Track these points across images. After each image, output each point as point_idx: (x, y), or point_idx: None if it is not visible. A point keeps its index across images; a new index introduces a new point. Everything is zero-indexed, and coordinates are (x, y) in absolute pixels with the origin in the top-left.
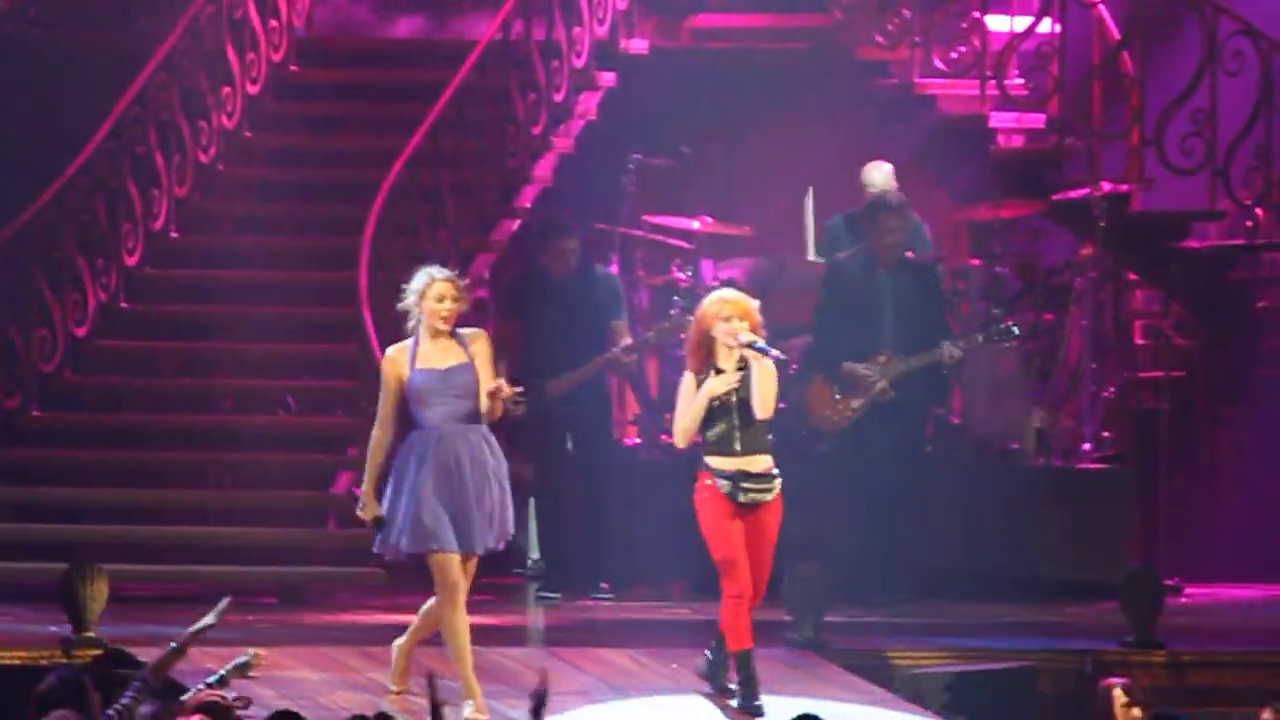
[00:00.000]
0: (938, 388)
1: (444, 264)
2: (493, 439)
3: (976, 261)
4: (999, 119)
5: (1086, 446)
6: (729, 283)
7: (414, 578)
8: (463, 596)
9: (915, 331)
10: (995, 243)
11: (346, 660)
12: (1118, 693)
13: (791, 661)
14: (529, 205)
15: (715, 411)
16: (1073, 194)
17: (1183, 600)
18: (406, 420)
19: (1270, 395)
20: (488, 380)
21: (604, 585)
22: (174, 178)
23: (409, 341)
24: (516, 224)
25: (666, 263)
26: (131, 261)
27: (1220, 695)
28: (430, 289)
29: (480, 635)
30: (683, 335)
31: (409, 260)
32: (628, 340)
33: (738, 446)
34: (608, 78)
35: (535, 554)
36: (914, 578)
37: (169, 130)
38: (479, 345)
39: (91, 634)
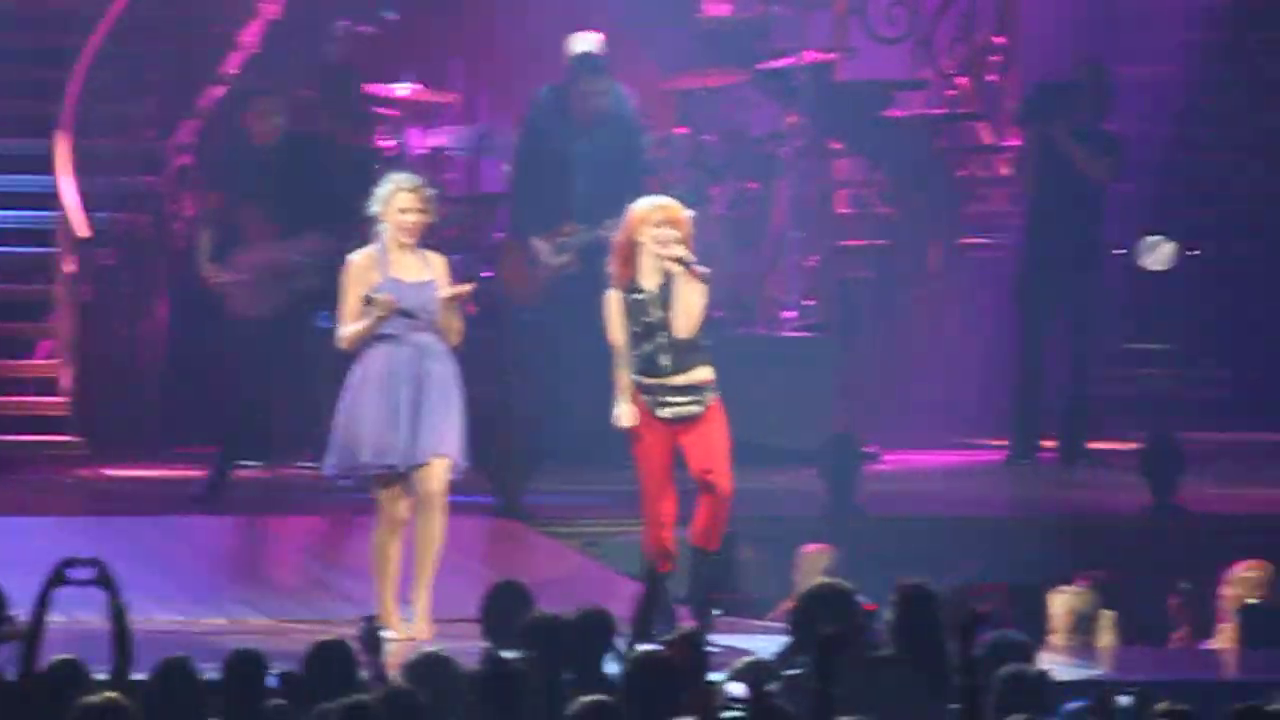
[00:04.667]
0: None
1: (150, 131)
2: (452, 358)
3: (683, 130)
4: None
5: (790, 314)
6: (438, 151)
7: (117, 447)
8: (398, 517)
9: (607, 200)
10: (701, 112)
11: (51, 532)
12: (818, 558)
13: (493, 531)
14: (235, 72)
15: (640, 332)
16: (777, 63)
17: (881, 467)
18: None
19: (970, 263)
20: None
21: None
22: None
23: (374, 248)
24: (223, 90)
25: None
26: None
27: (912, 562)
28: (394, 198)
29: None
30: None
31: (113, 127)
32: None
33: (666, 363)
34: None
35: None
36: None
37: None
38: (440, 267)
39: None
